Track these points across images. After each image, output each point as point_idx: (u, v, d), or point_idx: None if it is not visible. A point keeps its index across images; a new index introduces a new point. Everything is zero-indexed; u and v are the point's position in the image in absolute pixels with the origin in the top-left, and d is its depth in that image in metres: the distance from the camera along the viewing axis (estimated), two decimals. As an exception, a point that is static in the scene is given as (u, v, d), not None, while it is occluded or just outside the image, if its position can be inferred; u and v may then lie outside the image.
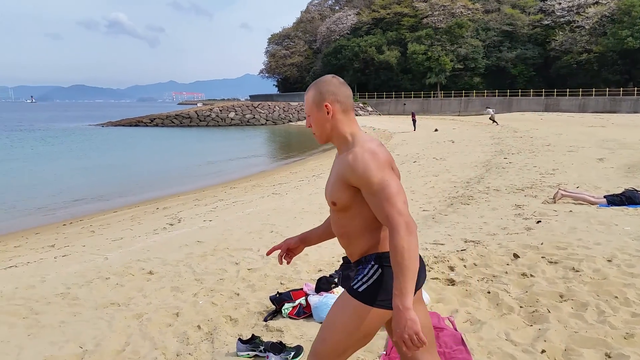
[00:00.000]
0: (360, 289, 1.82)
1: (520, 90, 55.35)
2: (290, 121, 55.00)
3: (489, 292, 3.88)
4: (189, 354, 3.32)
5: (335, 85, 1.90)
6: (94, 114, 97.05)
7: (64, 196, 14.39)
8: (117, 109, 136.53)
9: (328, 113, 1.87)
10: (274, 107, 57.90)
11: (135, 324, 3.94)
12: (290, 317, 3.72)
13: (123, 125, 52.25)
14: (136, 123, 53.06)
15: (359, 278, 1.85)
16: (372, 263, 1.84)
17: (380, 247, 1.85)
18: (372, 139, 1.88)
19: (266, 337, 3.41)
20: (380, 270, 1.82)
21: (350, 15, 72.39)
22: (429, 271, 4.46)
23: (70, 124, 58.05)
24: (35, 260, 6.82)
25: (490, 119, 32.88)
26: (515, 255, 4.66)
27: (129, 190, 15.46)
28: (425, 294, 3.83)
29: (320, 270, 4.91)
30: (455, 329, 3.29)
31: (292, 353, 3.08)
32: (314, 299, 3.74)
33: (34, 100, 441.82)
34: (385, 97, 62.60)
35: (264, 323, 3.70)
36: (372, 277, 1.82)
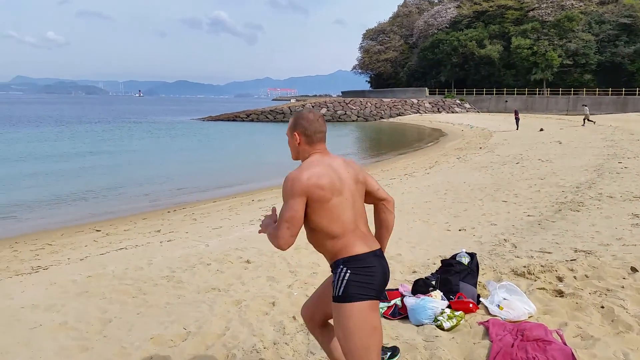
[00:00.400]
0: (340, 293, 2.12)
1: (638, 89, 50.61)
2: (382, 118, 54.38)
3: (602, 307, 3.56)
4: (286, 343, 3.39)
5: (307, 121, 2.28)
6: (195, 108, 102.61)
7: (169, 185, 15.40)
8: (217, 104, 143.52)
9: (296, 140, 2.29)
10: (366, 103, 57.65)
11: (234, 309, 4.10)
12: (384, 317, 3.66)
13: (222, 120, 54.70)
14: (234, 118, 55.34)
15: (335, 284, 2.15)
16: (341, 267, 2.15)
17: (345, 252, 2.16)
18: (314, 165, 2.19)
19: (360, 335, 3.38)
20: (349, 271, 2.13)
21: (450, 8, 70.30)
22: (535, 280, 4.20)
23: (174, 118, 61.87)
24: (143, 244, 7.33)
25: (585, 118, 30.51)
26: (634, 269, 4.23)
27: (226, 181, 16.21)
28: (531, 304, 3.60)
29: (415, 272, 4.80)
30: (565, 343, 3.05)
31: (389, 354, 3.02)
32: (410, 301, 3.64)
33: (141, 94, 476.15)
34: (485, 94, 59.89)
35: (358, 320, 3.67)
36: (344, 279, 2.12)
